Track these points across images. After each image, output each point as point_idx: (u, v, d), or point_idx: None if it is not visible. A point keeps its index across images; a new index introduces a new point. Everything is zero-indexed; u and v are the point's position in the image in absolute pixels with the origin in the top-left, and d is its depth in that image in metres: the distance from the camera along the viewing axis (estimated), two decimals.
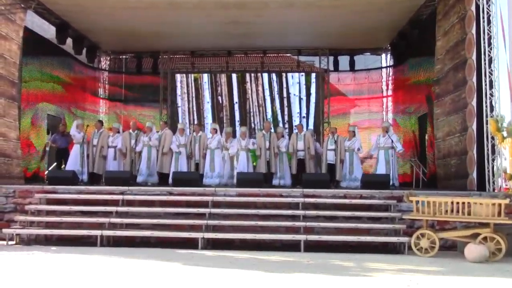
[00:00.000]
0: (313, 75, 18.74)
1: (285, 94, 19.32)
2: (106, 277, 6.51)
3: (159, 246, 9.07)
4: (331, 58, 17.70)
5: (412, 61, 15.28)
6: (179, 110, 18.84)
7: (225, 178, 12.35)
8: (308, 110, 18.95)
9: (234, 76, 19.43)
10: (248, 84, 19.43)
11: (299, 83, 19.27)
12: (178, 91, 19.00)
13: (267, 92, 19.36)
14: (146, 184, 12.05)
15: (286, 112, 19.22)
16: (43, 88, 14.54)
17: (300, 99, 19.12)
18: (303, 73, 18.97)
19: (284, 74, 19.20)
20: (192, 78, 19.26)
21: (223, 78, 19.32)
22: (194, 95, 19.19)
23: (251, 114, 19.24)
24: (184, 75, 19.02)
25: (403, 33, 14.96)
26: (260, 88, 19.41)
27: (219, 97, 19.38)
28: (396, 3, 12.82)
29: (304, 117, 18.48)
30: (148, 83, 18.45)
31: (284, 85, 19.37)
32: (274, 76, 19.22)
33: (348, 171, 12.16)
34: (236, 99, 19.38)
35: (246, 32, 15.20)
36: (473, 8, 10.62)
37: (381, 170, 11.96)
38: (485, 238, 8.11)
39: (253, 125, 18.83)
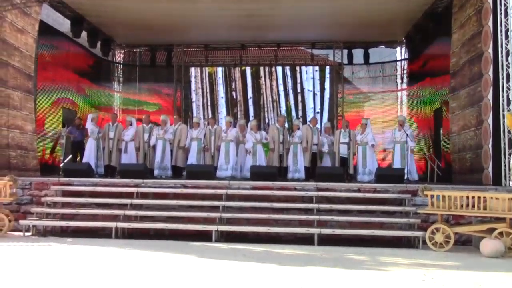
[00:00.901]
0: (327, 69, 18.66)
1: (299, 89, 19.32)
2: (121, 269, 6.57)
3: (173, 238, 9.13)
4: (345, 51, 17.57)
5: (427, 54, 15.13)
6: (194, 105, 18.91)
7: (240, 171, 12.36)
8: (322, 105, 18.93)
9: (248, 71, 19.44)
10: (262, 79, 19.46)
11: (313, 78, 19.25)
12: (193, 86, 19.07)
13: (281, 87, 19.39)
14: (161, 177, 12.11)
15: (300, 107, 19.22)
16: (58, 77, 14.68)
17: (314, 94, 19.11)
18: (317, 69, 18.92)
19: (298, 69, 19.16)
20: (207, 73, 19.31)
21: (237, 73, 19.32)
22: (208, 90, 19.27)
23: (265, 109, 19.28)
24: (199, 70, 19.06)
25: (419, 26, 14.81)
26: (274, 83, 19.44)
27: (233, 92, 19.43)
28: None
29: (318, 112, 18.45)
30: (162, 76, 18.50)
31: (298, 80, 19.38)
32: (288, 71, 19.20)
33: (361, 164, 12.10)
34: (250, 94, 19.42)
35: (259, 25, 15.14)
36: (490, 0, 10.47)
37: (397, 164, 11.92)
38: (501, 233, 8.05)
39: (267, 120, 18.87)
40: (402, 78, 17.87)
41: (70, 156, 13.50)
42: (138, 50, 19.07)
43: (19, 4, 11.95)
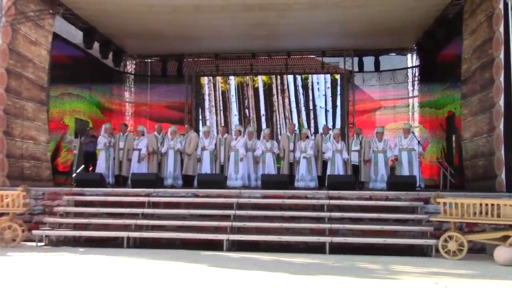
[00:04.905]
0: (338, 85, 18.84)
1: (311, 106, 19.50)
2: (132, 278, 6.59)
3: (184, 247, 9.13)
4: (356, 59, 17.56)
5: (439, 61, 15.06)
6: (207, 122, 19.12)
7: (249, 180, 12.35)
8: (334, 122, 19.08)
9: (261, 89, 19.71)
10: (275, 96, 19.64)
11: (325, 95, 19.48)
12: (206, 104, 19.33)
13: (293, 104, 19.61)
14: (172, 186, 12.14)
15: (312, 124, 19.38)
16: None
17: (326, 111, 19.29)
18: (329, 85, 19.13)
19: (310, 87, 19.48)
20: (220, 91, 19.64)
21: (250, 90, 19.60)
22: (221, 108, 19.49)
23: (278, 126, 19.44)
24: (212, 88, 19.37)
25: (430, 33, 14.76)
26: (286, 101, 19.66)
27: (246, 110, 19.61)
28: (423, 2, 12.67)
29: (330, 129, 18.53)
30: (173, 86, 18.60)
31: (311, 97, 19.59)
32: (300, 89, 19.44)
33: (379, 172, 11.99)
34: (263, 111, 19.64)
35: (270, 34, 15.21)
36: (501, 6, 10.39)
37: (404, 172, 11.84)
38: None
39: (279, 137, 18.99)
40: (413, 85, 17.80)
41: (83, 166, 13.60)
42: (149, 60, 19.20)
43: (32, 17, 12.11)
